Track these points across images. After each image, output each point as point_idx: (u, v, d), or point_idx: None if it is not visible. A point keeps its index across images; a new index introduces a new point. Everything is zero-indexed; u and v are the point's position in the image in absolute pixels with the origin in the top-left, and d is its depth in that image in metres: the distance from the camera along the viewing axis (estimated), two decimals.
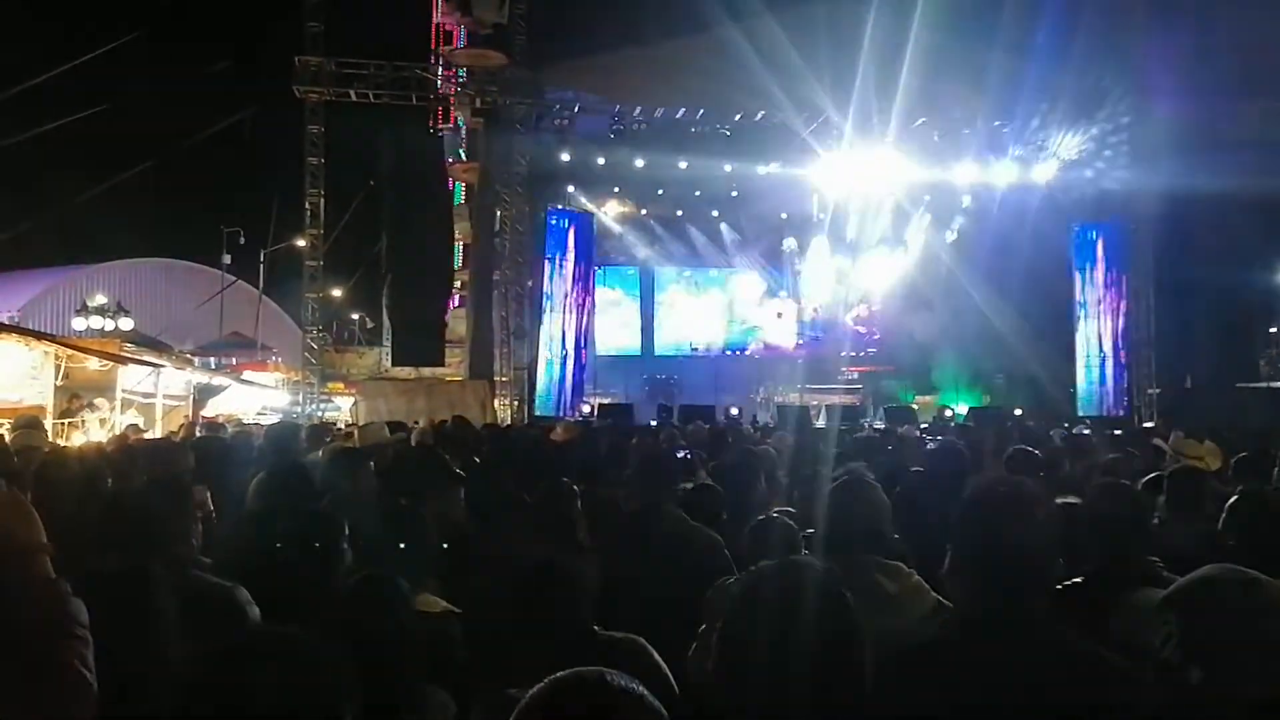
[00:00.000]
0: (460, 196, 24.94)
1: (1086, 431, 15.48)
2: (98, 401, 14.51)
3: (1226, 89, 20.63)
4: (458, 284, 24.20)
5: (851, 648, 1.87)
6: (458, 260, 25.03)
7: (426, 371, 23.08)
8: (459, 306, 24.16)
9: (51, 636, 2.33)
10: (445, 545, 4.27)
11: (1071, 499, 3.88)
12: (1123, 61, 21.47)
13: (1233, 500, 3.87)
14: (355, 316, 34.05)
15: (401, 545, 3.66)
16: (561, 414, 21.39)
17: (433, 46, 22.66)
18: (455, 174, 24.55)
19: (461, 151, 23.95)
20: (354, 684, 1.53)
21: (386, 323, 31.80)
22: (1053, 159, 23.78)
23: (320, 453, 6.72)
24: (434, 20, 22.74)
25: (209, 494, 4.90)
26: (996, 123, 23.05)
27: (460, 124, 23.57)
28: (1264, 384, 22.70)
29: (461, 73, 22.13)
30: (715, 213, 26.98)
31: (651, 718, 1.40)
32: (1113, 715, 2.05)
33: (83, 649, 2.35)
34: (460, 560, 4.37)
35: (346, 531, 3.66)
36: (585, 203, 24.84)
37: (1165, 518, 4.30)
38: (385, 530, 3.78)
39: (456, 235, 24.38)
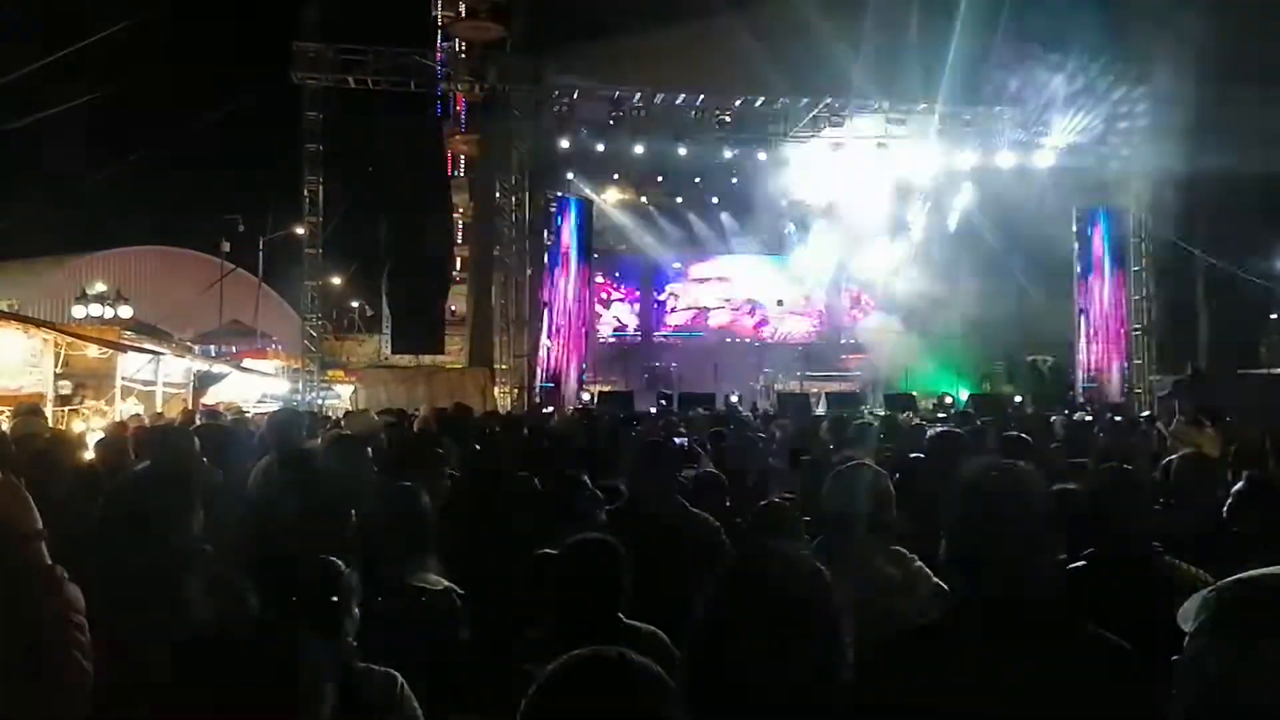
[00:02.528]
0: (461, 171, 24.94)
1: (1088, 418, 15.49)
2: (66, 383, 14.45)
3: (1229, 73, 20.55)
4: (457, 261, 24.24)
5: (827, 626, 1.86)
6: (458, 237, 25.07)
7: (426, 359, 23.09)
8: (460, 283, 24.16)
9: (48, 623, 2.33)
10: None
11: (1071, 485, 3.88)
12: (1125, 46, 21.38)
13: (1238, 486, 3.86)
14: (355, 304, 34.05)
15: (400, 525, 3.68)
16: (561, 402, 21.38)
17: (431, 36, 22.64)
18: (454, 146, 24.51)
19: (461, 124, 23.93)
20: (334, 675, 1.54)
21: (386, 310, 31.79)
22: (1054, 144, 23.69)
23: (320, 440, 6.73)
24: (433, 13, 22.75)
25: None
26: (998, 107, 22.96)
27: (460, 95, 23.46)
28: (1265, 370, 22.67)
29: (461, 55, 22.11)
30: (715, 199, 26.92)
31: (668, 697, 1.40)
32: (1112, 699, 2.04)
33: (79, 635, 2.34)
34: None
35: (354, 518, 3.68)
36: (585, 189, 24.77)
37: (1168, 503, 4.30)
38: (384, 511, 3.79)
39: (456, 207, 24.39)
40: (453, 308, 24.15)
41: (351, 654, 2.74)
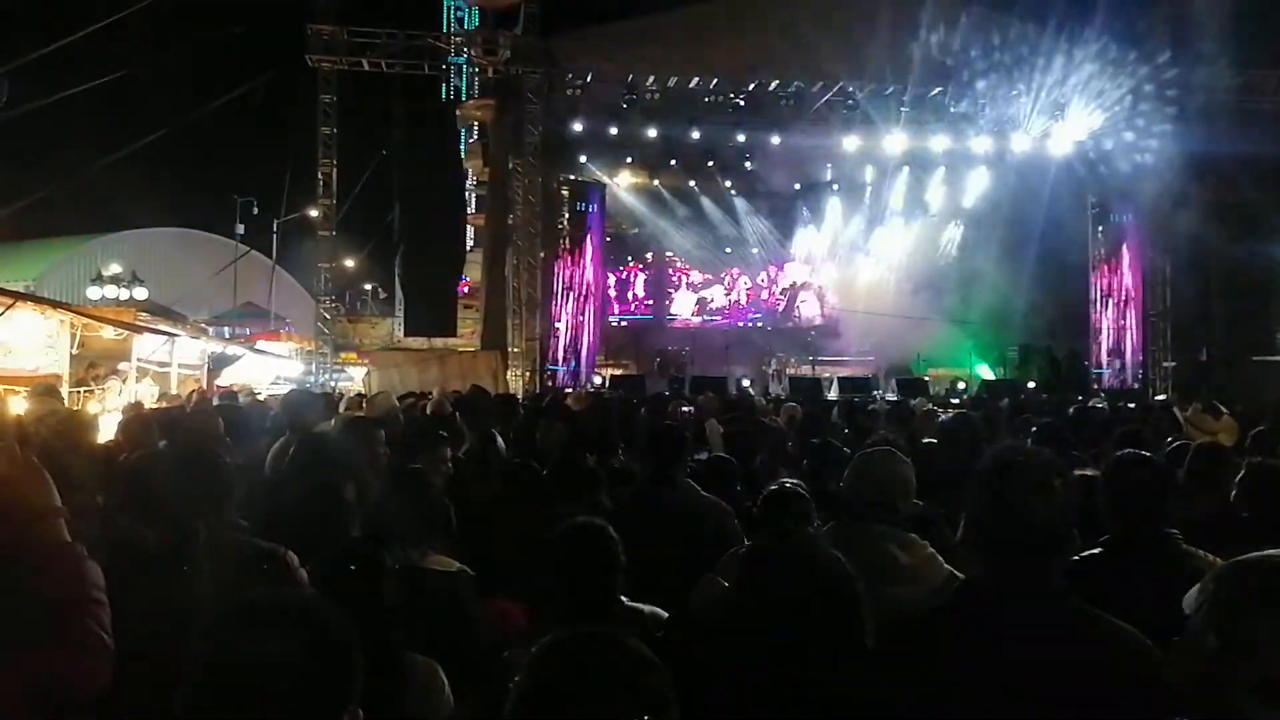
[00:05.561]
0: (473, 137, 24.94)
1: (1101, 404, 15.45)
2: (122, 366, 14.55)
3: (1244, 58, 20.38)
4: (470, 231, 24.25)
5: (849, 613, 1.87)
6: (471, 206, 25.10)
7: (439, 341, 23.13)
8: (473, 250, 24.13)
9: (68, 600, 2.35)
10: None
11: (1090, 472, 3.86)
12: (1141, 32, 21.20)
13: (1244, 473, 3.83)
14: (368, 286, 34.15)
15: (409, 508, 3.69)
16: (573, 385, 21.39)
17: (444, 21, 22.64)
18: (468, 112, 24.48)
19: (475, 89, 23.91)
20: (360, 654, 1.53)
21: (399, 293, 31.86)
22: (1071, 129, 23.52)
23: (333, 422, 6.75)
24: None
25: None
26: (1014, 92, 22.79)
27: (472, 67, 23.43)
28: (1279, 357, 22.53)
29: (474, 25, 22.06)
30: (728, 183, 26.83)
31: (657, 675, 1.40)
32: (1121, 684, 2.04)
33: (99, 611, 2.36)
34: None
35: (351, 501, 3.68)
36: (597, 172, 24.73)
37: (1184, 490, 4.28)
38: (394, 494, 3.80)
39: (469, 175, 24.33)
40: (465, 278, 24.16)
41: (399, 644, 2.73)
